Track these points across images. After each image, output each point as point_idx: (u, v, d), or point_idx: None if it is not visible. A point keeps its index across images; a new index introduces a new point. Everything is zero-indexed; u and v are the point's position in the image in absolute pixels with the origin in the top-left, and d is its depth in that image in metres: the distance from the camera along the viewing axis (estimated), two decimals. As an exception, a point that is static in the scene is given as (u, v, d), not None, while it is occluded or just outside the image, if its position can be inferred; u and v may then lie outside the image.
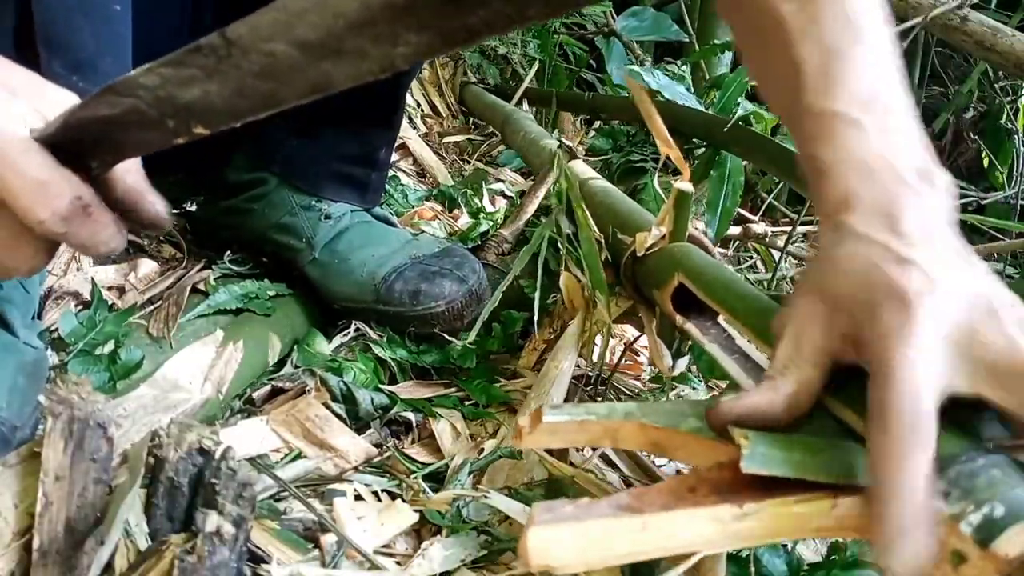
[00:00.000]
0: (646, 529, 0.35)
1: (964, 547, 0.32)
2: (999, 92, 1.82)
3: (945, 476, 0.34)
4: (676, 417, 0.39)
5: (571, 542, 0.34)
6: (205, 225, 0.99)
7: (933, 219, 0.43)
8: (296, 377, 0.83)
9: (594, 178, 0.99)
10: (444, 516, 0.68)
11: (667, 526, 0.35)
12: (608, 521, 0.34)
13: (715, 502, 0.35)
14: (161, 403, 0.70)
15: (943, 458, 0.35)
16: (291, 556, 0.60)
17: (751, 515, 0.35)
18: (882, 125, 0.45)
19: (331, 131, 0.93)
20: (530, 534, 0.33)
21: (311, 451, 0.75)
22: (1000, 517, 0.32)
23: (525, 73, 2.08)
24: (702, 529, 0.35)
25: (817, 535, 0.37)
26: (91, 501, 0.50)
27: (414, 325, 0.91)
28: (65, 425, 0.49)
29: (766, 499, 0.36)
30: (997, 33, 1.41)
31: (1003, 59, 1.42)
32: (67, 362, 0.71)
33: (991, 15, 1.54)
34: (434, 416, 0.83)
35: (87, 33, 0.55)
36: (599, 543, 0.34)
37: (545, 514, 0.34)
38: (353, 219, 0.95)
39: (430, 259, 0.92)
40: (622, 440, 0.39)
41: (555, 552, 0.33)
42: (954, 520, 0.33)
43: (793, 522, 0.36)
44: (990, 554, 0.31)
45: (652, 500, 0.35)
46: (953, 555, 0.32)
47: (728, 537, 0.36)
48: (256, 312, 0.85)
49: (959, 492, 0.33)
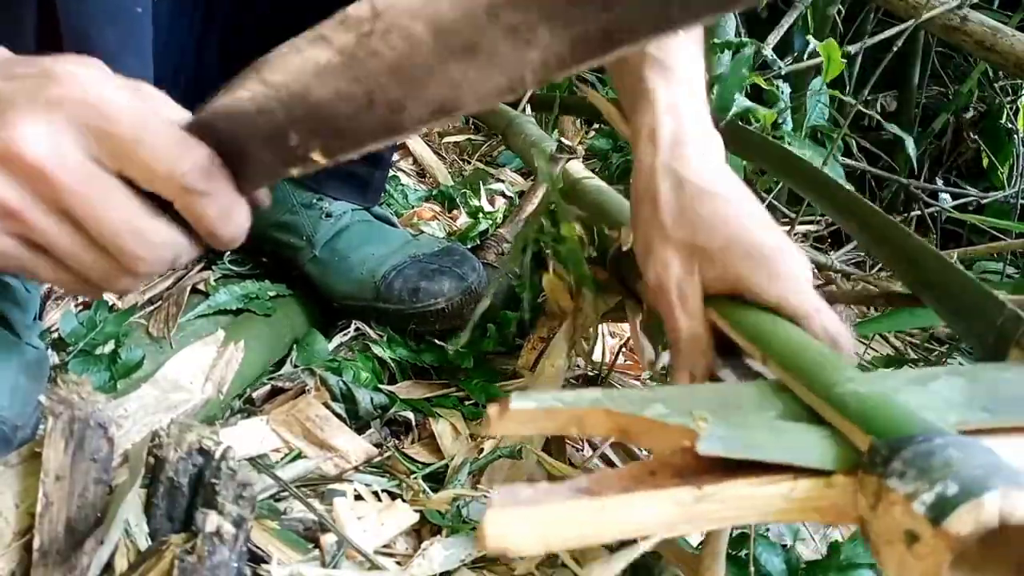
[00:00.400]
0: (604, 511, 0.35)
1: (917, 526, 0.32)
2: (999, 92, 1.82)
3: (900, 457, 0.34)
4: (641, 404, 0.39)
5: (529, 525, 0.34)
6: None
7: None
8: (296, 377, 0.83)
9: (588, 178, 0.99)
10: (444, 516, 0.68)
11: (626, 508, 0.35)
12: (566, 504, 0.34)
13: (675, 485, 0.36)
14: (162, 403, 0.70)
15: (900, 439, 0.35)
16: (291, 556, 0.60)
17: (710, 497, 0.35)
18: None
19: None
20: (487, 517, 0.33)
21: (311, 451, 0.75)
22: (953, 495, 0.31)
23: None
24: (661, 511, 0.35)
25: (778, 519, 0.37)
26: (91, 501, 0.50)
27: (414, 323, 0.91)
28: (66, 425, 0.49)
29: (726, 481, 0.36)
30: (997, 33, 1.41)
31: (1003, 59, 1.42)
32: (67, 362, 0.71)
33: (991, 15, 1.54)
34: (434, 416, 0.83)
35: (109, 34, 0.54)
36: (557, 526, 0.34)
37: (503, 497, 0.34)
38: (353, 218, 0.95)
39: (430, 257, 0.93)
40: (589, 426, 0.40)
41: (512, 535, 0.33)
42: (908, 499, 0.33)
43: (752, 504, 0.36)
44: (942, 532, 0.31)
45: (611, 483, 0.36)
46: (907, 535, 0.32)
47: (687, 519, 0.36)
48: (256, 312, 0.85)
49: (914, 472, 0.33)
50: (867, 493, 0.35)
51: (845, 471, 0.37)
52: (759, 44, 1.27)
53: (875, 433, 0.37)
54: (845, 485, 0.36)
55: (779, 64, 1.27)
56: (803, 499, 0.36)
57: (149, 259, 0.43)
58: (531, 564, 0.66)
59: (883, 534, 0.34)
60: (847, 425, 0.39)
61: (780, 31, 1.48)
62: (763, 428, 0.39)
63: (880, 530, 0.34)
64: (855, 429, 0.38)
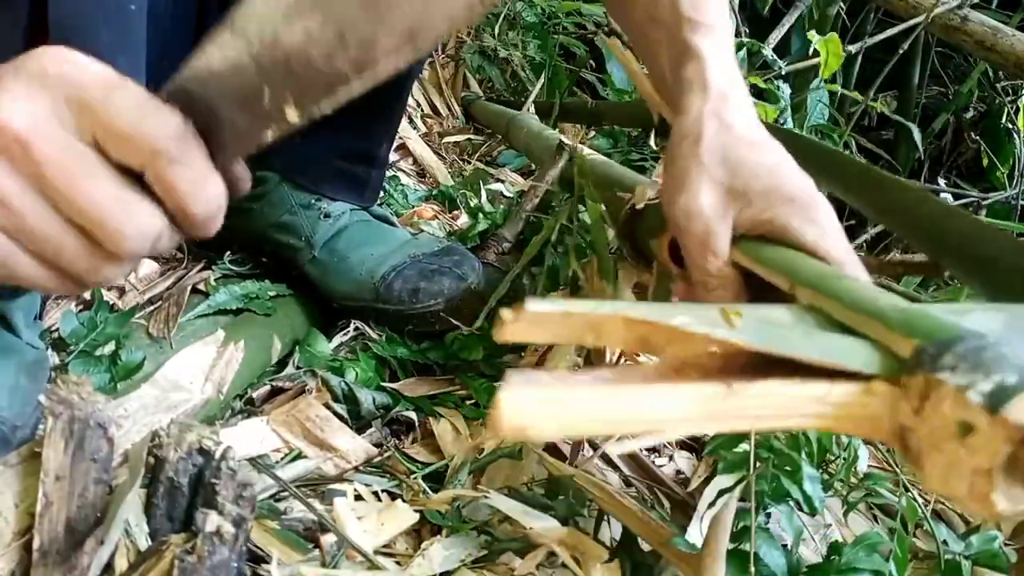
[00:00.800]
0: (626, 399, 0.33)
1: (971, 416, 0.30)
2: (999, 92, 1.82)
3: (951, 352, 0.33)
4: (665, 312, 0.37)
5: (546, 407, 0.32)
6: None
7: None
8: (296, 377, 0.83)
9: (591, 154, 0.99)
10: (444, 516, 0.68)
11: (649, 398, 0.33)
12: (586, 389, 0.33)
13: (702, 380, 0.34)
14: (162, 403, 0.70)
15: (950, 339, 0.34)
16: (291, 556, 0.60)
17: (737, 393, 0.34)
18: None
19: (333, 127, 0.93)
20: (502, 396, 0.31)
21: (311, 451, 0.75)
22: (1013, 384, 0.30)
23: (526, 74, 2.08)
24: (686, 404, 0.34)
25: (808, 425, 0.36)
26: (91, 501, 0.50)
27: (413, 323, 0.91)
28: (66, 425, 0.49)
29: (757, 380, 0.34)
30: (997, 33, 1.41)
31: (1003, 59, 1.42)
32: (68, 363, 0.71)
33: (991, 15, 1.54)
34: (435, 416, 0.83)
35: (103, 33, 0.54)
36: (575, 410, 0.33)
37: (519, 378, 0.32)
38: (352, 218, 0.95)
39: (429, 257, 0.92)
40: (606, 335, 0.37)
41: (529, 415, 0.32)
42: (960, 391, 0.31)
43: (781, 403, 0.34)
44: (1000, 419, 0.29)
45: (635, 376, 0.34)
46: (960, 426, 0.31)
47: (711, 415, 0.34)
48: (256, 312, 0.85)
49: (967, 366, 0.32)
50: (912, 396, 0.34)
51: (886, 378, 0.35)
52: (760, 44, 1.27)
53: (920, 337, 0.35)
54: (885, 393, 0.35)
55: (779, 64, 1.28)
56: (838, 404, 0.35)
57: (130, 235, 0.41)
58: (531, 564, 0.66)
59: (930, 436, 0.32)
60: (889, 335, 0.37)
61: (781, 30, 1.48)
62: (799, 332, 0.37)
63: (926, 433, 0.33)
64: (897, 337, 0.36)
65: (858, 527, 0.81)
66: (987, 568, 0.72)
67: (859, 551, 0.65)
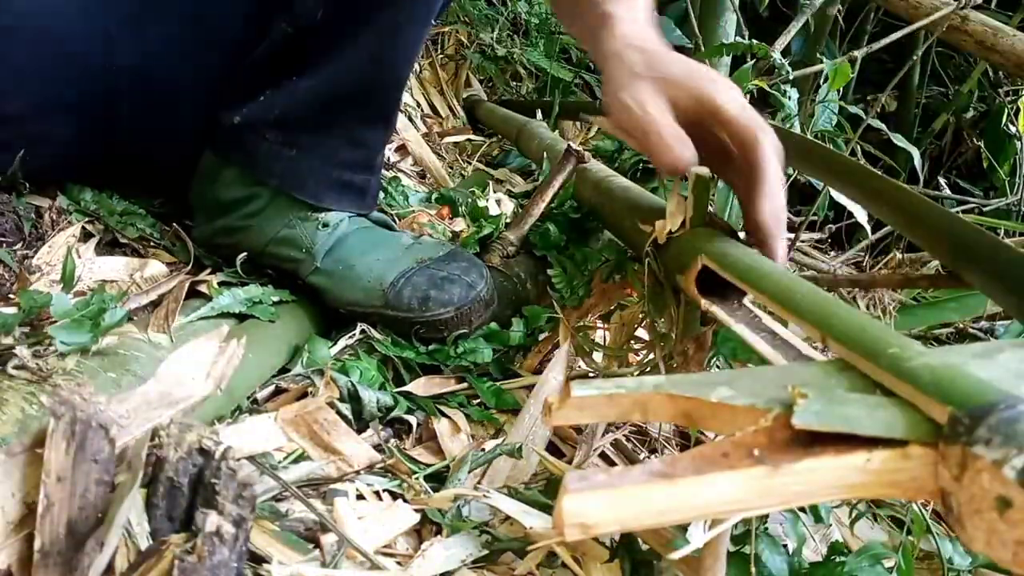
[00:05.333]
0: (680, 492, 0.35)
1: (1008, 492, 0.31)
2: (999, 92, 1.82)
3: (985, 424, 0.33)
4: (706, 387, 0.38)
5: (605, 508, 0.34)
6: (202, 246, 0.97)
7: None
8: (302, 377, 0.83)
9: (611, 176, 0.99)
10: (445, 516, 0.68)
11: (700, 488, 0.35)
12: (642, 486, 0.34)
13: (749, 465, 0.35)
14: (165, 399, 0.70)
15: (982, 407, 0.34)
16: (291, 556, 0.60)
17: (783, 473, 0.35)
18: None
19: (331, 139, 0.93)
20: (565, 503, 0.33)
21: (315, 453, 0.75)
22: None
23: (525, 75, 2.08)
24: (736, 489, 0.35)
25: (852, 494, 0.37)
26: (92, 502, 0.50)
27: (422, 330, 0.91)
28: (67, 426, 0.49)
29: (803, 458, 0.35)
30: (997, 33, 1.42)
31: (1003, 59, 1.42)
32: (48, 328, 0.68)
33: (991, 15, 1.54)
34: (437, 415, 0.83)
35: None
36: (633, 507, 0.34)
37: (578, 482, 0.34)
38: (351, 225, 0.94)
39: (437, 263, 0.92)
40: (652, 412, 0.39)
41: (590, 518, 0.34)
42: (996, 466, 0.32)
43: (828, 478, 0.35)
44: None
45: (685, 465, 0.35)
46: (998, 501, 0.32)
47: (762, 496, 0.35)
48: (260, 318, 0.84)
49: (1000, 439, 0.32)
50: (951, 464, 0.34)
51: (921, 442, 0.36)
52: (767, 48, 1.27)
53: (953, 404, 0.36)
54: (922, 456, 0.36)
55: (786, 68, 1.27)
56: (879, 471, 0.36)
57: None
58: (531, 564, 0.66)
59: (970, 503, 0.33)
60: (922, 398, 0.38)
61: (787, 37, 1.48)
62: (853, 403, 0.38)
63: (966, 500, 0.33)
64: (931, 401, 0.37)
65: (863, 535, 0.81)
66: (988, 569, 0.72)
67: (863, 560, 0.65)
